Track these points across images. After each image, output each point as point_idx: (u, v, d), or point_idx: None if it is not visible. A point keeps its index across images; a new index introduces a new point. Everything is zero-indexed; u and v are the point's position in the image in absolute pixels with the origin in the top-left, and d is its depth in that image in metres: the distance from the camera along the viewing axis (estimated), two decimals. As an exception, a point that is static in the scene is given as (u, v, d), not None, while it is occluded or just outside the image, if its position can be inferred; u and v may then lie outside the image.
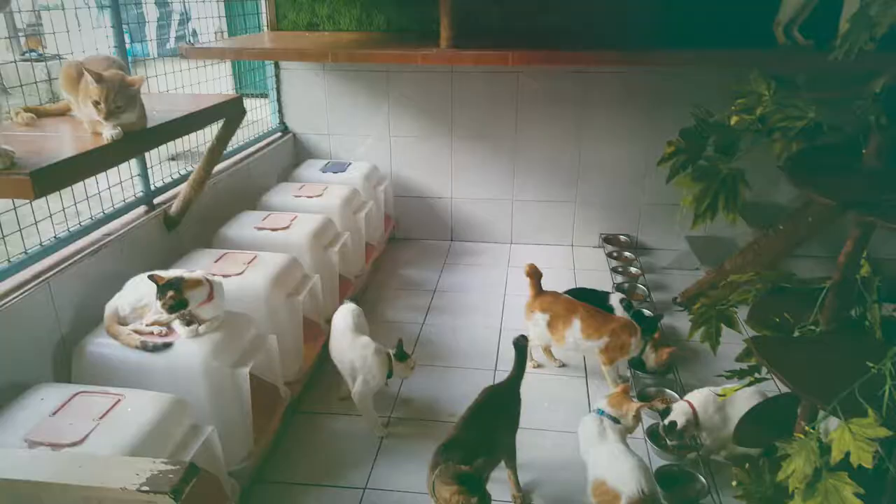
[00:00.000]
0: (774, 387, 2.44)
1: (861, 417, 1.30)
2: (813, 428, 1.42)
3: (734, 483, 1.67)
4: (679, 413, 2.51)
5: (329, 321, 2.99)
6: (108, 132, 2.02)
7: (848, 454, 1.34)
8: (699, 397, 2.54)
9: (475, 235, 4.69)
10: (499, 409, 2.32)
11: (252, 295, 2.61)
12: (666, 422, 2.52)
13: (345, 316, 2.80)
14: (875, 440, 1.26)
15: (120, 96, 1.96)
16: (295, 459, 2.59)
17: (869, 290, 1.68)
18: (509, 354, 3.25)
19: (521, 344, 2.41)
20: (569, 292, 3.33)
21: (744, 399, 2.30)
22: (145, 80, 2.09)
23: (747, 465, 1.66)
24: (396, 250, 4.54)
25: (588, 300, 3.19)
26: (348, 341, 2.70)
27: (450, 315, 3.70)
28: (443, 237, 4.72)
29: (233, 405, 2.26)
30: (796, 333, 1.66)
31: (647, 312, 3.35)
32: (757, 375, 1.86)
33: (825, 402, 1.37)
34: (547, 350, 3.19)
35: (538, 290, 3.10)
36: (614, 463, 2.14)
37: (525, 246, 4.62)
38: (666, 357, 2.89)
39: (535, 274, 3.10)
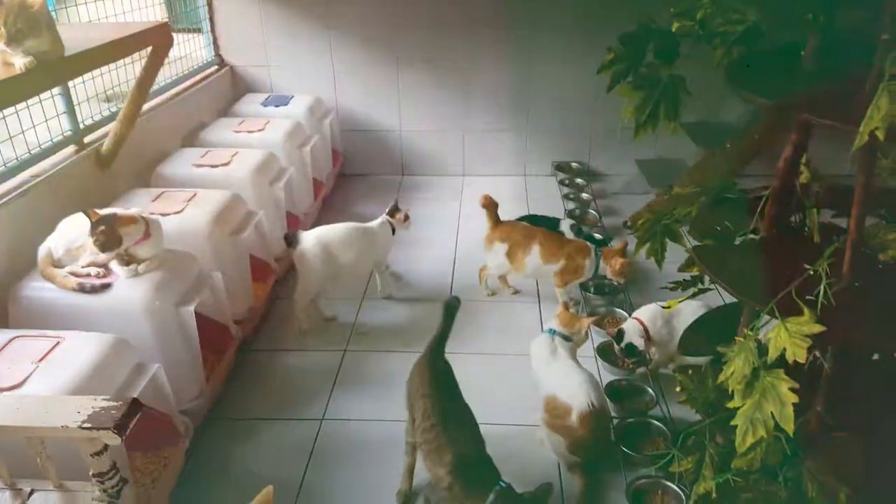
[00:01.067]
0: (720, 298, 2.50)
1: (797, 317, 1.34)
2: (752, 330, 1.45)
3: (678, 389, 1.72)
4: (632, 332, 2.55)
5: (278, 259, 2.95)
6: (20, 61, 1.88)
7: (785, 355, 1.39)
8: (647, 313, 2.59)
9: (427, 169, 4.62)
10: (450, 384, 2.06)
11: (193, 233, 2.52)
12: (623, 344, 2.56)
13: None
14: (810, 336, 1.30)
15: (20, 19, 1.82)
16: (250, 396, 2.57)
17: (808, 196, 1.70)
18: (464, 283, 3.29)
19: (452, 305, 2.13)
20: (519, 220, 3.33)
21: (690, 311, 2.36)
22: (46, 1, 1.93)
23: (690, 371, 1.70)
24: (347, 186, 4.45)
25: (538, 226, 3.20)
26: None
27: (403, 249, 3.66)
28: (394, 172, 4.63)
29: (180, 344, 2.21)
30: (738, 241, 1.68)
31: (597, 236, 3.38)
32: (700, 286, 1.89)
33: (763, 304, 1.39)
34: (503, 278, 3.20)
35: (496, 221, 3.08)
36: (565, 379, 2.19)
37: (478, 178, 4.57)
38: (619, 266, 2.89)
39: (491, 205, 3.08)
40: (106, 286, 2.11)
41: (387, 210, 3.12)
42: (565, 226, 3.31)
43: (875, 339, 1.46)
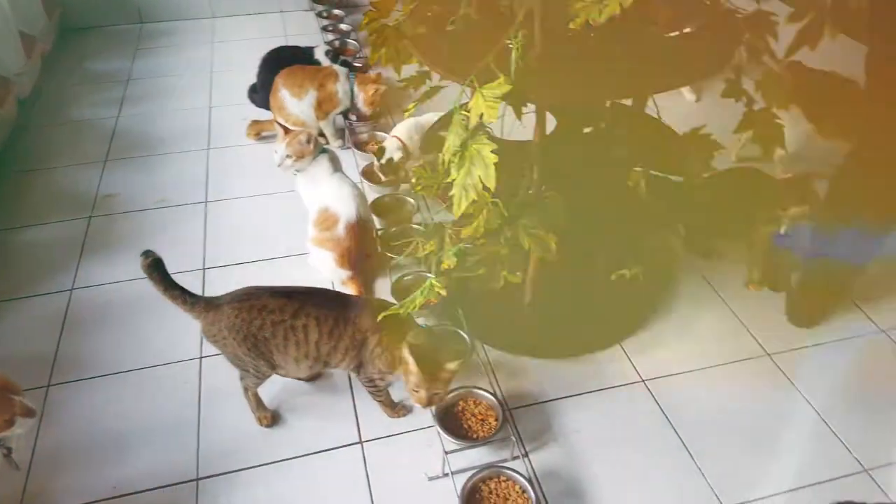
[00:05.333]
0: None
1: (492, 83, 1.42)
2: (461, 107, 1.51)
3: (413, 180, 1.79)
4: (392, 149, 2.60)
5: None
6: None
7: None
8: (403, 129, 2.63)
9: (170, 13, 4.14)
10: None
11: None
12: (383, 161, 2.61)
13: None
14: (501, 98, 1.39)
15: None
16: (-14, 281, 2.31)
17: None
18: (221, 132, 3.10)
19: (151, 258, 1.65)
20: (270, 53, 3.15)
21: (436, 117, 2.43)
22: None
23: (423, 162, 1.77)
24: (74, 41, 3.88)
25: (291, 59, 3.05)
26: None
27: (150, 102, 3.35)
28: (131, 20, 4.11)
29: None
30: (449, 28, 1.71)
31: (356, 64, 3.31)
32: (429, 81, 1.93)
33: (464, 77, 1.45)
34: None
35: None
36: (337, 191, 2.20)
37: (229, 19, 4.21)
38: (373, 93, 2.88)
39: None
40: None
41: None
42: (320, 53, 3.18)
43: (560, 96, 1.61)
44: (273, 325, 1.64)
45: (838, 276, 2.13)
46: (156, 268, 1.64)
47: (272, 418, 1.85)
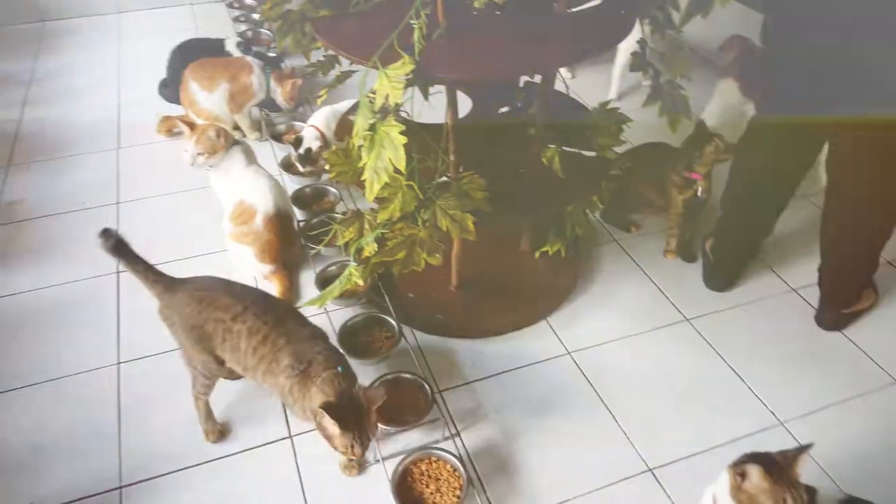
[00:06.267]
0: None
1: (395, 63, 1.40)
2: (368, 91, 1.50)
3: (327, 167, 1.76)
4: (310, 138, 2.55)
5: None
6: None
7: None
8: (320, 118, 2.59)
9: (72, 10, 3.97)
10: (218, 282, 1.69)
11: None
12: (301, 151, 2.56)
13: None
14: (405, 77, 1.38)
15: None
16: None
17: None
18: (131, 130, 2.98)
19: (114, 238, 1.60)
20: (179, 46, 3.04)
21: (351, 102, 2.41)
22: None
23: (335, 148, 1.74)
24: (-33, 44, 3.66)
25: (203, 51, 2.96)
26: None
27: (55, 103, 3.20)
28: (31, 18, 3.90)
29: None
30: (352, 9, 1.69)
31: (271, 54, 3.23)
32: (339, 65, 1.90)
33: (367, 58, 1.43)
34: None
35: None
36: (252, 183, 2.14)
37: (137, 13, 4.05)
38: (291, 89, 2.85)
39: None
40: None
41: None
42: (231, 45, 3.09)
43: (463, 73, 1.61)
44: (215, 323, 1.56)
45: (749, 240, 2.22)
46: (119, 246, 1.59)
47: (220, 433, 1.77)
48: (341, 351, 1.88)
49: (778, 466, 1.19)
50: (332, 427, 1.40)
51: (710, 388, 1.92)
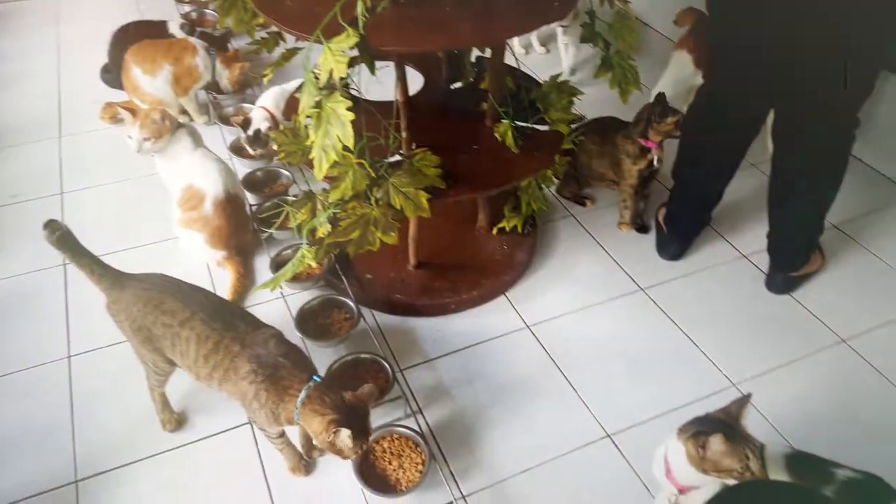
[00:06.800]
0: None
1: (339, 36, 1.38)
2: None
3: (274, 147, 1.73)
4: (259, 120, 2.50)
5: None
6: None
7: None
8: (269, 98, 2.54)
9: (3, -6, 3.79)
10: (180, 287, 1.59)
11: None
12: (250, 132, 2.51)
13: None
14: (349, 51, 1.36)
15: None
16: None
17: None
18: (73, 118, 2.88)
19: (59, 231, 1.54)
20: (120, 29, 2.94)
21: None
22: None
23: (283, 127, 1.71)
24: None
25: (145, 34, 2.86)
26: None
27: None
28: (-41, 4, 3.72)
29: None
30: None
31: (216, 33, 3.14)
32: (283, 42, 1.86)
33: (309, 33, 1.40)
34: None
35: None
36: (200, 167, 2.09)
37: (75, -6, 3.89)
38: (238, 72, 2.79)
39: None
40: None
41: None
42: (174, 26, 3.00)
43: (408, 45, 1.60)
44: (163, 327, 1.49)
45: (699, 209, 2.26)
46: (65, 238, 1.52)
47: (178, 423, 1.74)
48: (299, 334, 1.89)
49: (730, 427, 1.22)
50: (348, 440, 1.32)
51: (665, 355, 1.96)
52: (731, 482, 1.21)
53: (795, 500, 1.20)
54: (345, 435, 1.31)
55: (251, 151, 2.50)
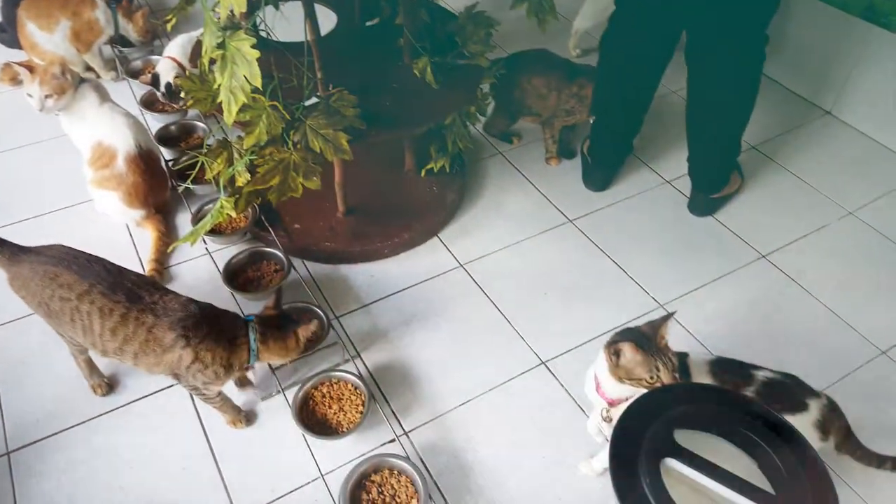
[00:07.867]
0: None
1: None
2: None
3: (182, 94, 1.66)
4: (167, 70, 2.39)
5: None
6: None
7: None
8: (176, 48, 2.43)
9: None
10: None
11: None
12: (162, 88, 2.40)
13: None
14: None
15: None
16: None
17: None
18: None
19: None
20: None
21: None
22: None
23: (189, 73, 1.63)
24: None
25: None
26: None
27: None
28: None
29: None
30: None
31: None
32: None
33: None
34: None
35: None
36: (109, 122, 1.98)
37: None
38: (143, 22, 2.64)
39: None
40: None
41: None
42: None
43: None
44: (61, 301, 1.41)
45: (621, 137, 2.28)
46: None
47: (108, 386, 1.70)
48: (228, 289, 1.85)
49: (646, 338, 1.27)
50: (316, 327, 1.50)
51: (595, 282, 2.01)
52: (643, 391, 1.26)
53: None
54: (315, 325, 1.49)
55: (175, 106, 2.38)
